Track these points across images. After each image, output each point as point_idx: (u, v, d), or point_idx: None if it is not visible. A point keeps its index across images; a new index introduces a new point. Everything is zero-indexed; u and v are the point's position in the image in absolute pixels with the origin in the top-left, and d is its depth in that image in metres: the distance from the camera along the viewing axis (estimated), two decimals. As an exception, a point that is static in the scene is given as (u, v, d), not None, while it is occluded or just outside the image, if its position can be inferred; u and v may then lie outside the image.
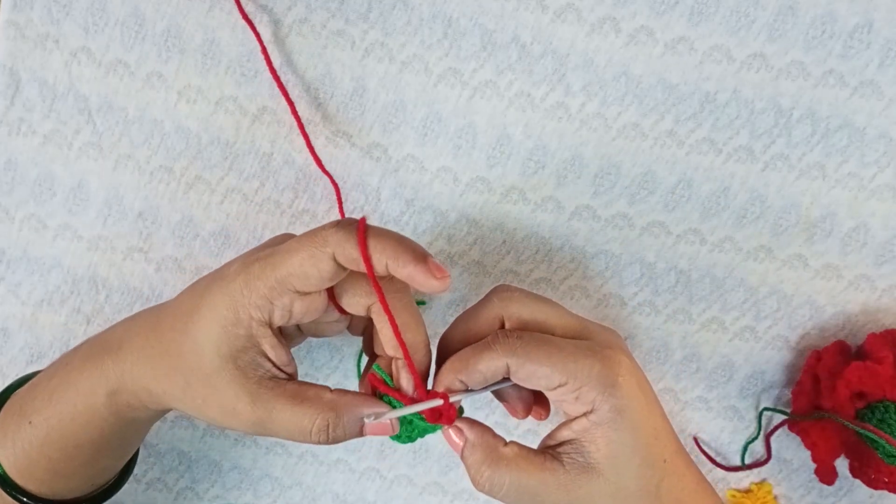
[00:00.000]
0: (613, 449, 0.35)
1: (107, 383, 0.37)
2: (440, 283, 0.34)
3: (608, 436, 0.35)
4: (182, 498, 0.52)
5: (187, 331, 0.36)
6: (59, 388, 0.39)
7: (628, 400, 0.35)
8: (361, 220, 0.35)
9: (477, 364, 0.36)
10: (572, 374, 0.35)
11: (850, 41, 0.45)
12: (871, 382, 0.46)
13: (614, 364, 0.35)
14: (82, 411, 0.38)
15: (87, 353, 0.39)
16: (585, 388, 0.35)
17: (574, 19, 0.45)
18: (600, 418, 0.35)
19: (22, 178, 0.47)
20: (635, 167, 0.47)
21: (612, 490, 0.35)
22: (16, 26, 0.45)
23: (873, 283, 0.49)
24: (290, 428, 0.36)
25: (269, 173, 0.47)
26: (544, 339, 0.36)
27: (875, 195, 0.48)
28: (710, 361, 0.50)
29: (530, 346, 0.35)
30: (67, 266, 0.48)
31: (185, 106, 0.46)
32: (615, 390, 0.35)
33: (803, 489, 0.52)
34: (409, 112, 0.46)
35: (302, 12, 0.45)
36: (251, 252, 0.37)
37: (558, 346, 0.35)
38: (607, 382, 0.35)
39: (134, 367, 0.37)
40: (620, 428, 0.35)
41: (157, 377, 0.37)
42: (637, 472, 0.35)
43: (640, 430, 0.35)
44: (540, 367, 0.35)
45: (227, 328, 0.35)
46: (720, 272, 0.49)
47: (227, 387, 0.35)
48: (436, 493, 0.52)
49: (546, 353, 0.35)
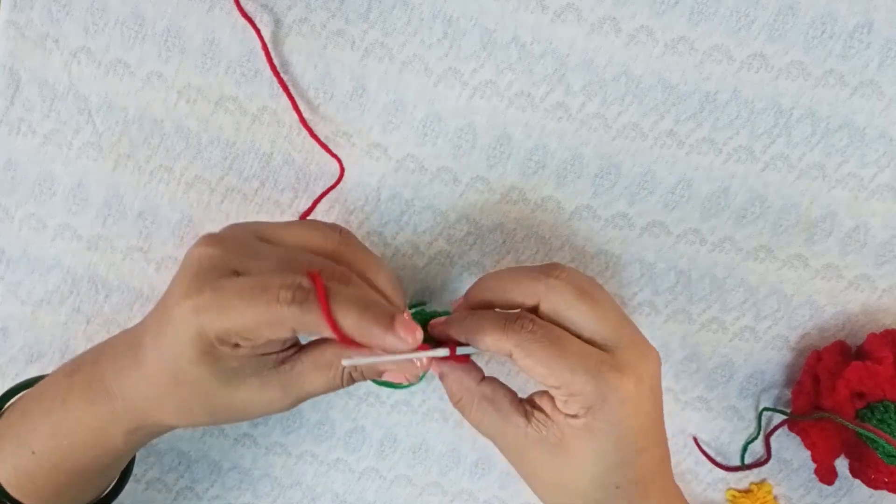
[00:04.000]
0: (574, 452, 0.36)
1: (124, 425, 0.38)
2: (404, 345, 0.33)
3: (577, 442, 0.36)
4: (181, 498, 0.52)
5: (185, 379, 0.35)
6: (62, 423, 0.38)
7: (606, 426, 0.36)
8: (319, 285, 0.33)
9: (485, 336, 0.37)
10: (565, 384, 0.35)
11: (850, 41, 0.45)
12: (871, 382, 0.46)
13: (609, 389, 0.35)
14: (95, 445, 0.38)
15: (86, 393, 0.38)
16: (572, 401, 0.36)
17: (574, 19, 0.45)
18: (576, 426, 0.36)
19: (22, 178, 0.47)
20: (635, 167, 0.47)
21: (554, 475, 0.37)
22: (16, 26, 0.45)
23: (873, 283, 0.49)
24: (324, 389, 0.37)
25: (269, 173, 0.47)
26: (556, 339, 0.36)
27: (875, 195, 0.48)
28: (710, 361, 0.50)
29: (537, 345, 0.36)
30: (67, 266, 0.48)
31: (185, 106, 0.46)
32: (598, 414, 0.35)
33: (803, 489, 0.52)
34: (409, 112, 0.46)
35: (302, 12, 0.45)
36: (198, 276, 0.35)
37: (564, 352, 0.36)
38: (593, 404, 0.35)
39: (153, 411, 0.37)
40: (588, 443, 0.36)
41: (179, 417, 0.37)
42: (586, 478, 0.37)
43: (603, 456, 0.36)
44: (538, 367, 0.36)
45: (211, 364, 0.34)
46: (720, 272, 0.49)
47: (252, 394, 0.36)
48: (435, 493, 0.52)
49: (550, 356, 0.35)
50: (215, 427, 0.51)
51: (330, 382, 0.37)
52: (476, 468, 0.52)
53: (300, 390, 0.37)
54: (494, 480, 0.52)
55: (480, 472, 0.52)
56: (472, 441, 0.51)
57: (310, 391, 0.37)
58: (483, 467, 0.52)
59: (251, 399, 0.36)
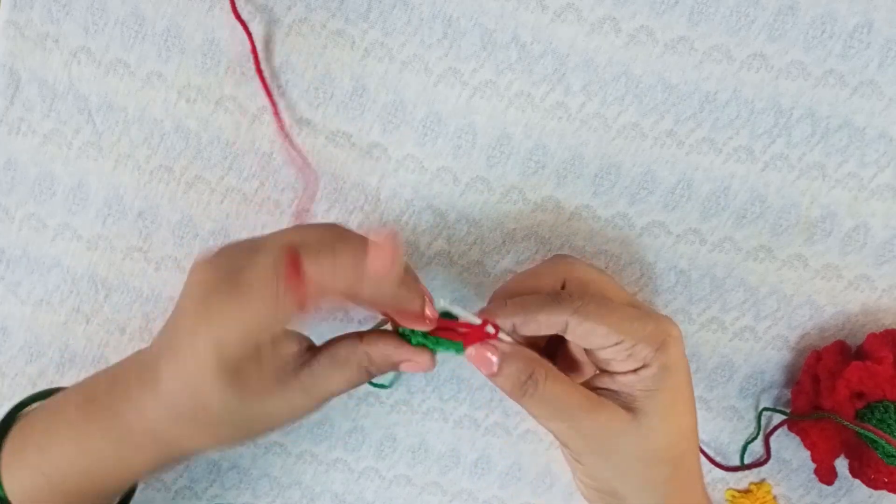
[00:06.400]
0: (654, 404, 0.37)
1: (147, 454, 0.37)
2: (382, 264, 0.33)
3: (652, 391, 0.37)
4: (180, 497, 0.52)
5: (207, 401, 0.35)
6: (79, 455, 0.37)
7: (676, 360, 0.37)
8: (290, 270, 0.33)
9: (538, 314, 0.37)
10: (628, 333, 0.36)
11: (850, 41, 0.45)
12: (871, 382, 0.46)
13: (667, 327, 0.37)
14: (112, 475, 0.38)
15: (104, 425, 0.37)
16: (640, 346, 0.36)
17: (574, 19, 0.45)
18: (649, 373, 0.37)
19: (22, 178, 0.47)
20: (635, 167, 0.47)
21: (639, 440, 0.37)
22: (16, 26, 0.45)
23: (873, 283, 0.49)
24: (345, 385, 0.37)
25: (268, 173, 0.47)
26: (604, 300, 0.38)
27: (875, 195, 0.48)
28: (710, 361, 0.50)
29: (591, 307, 0.37)
30: (67, 265, 0.48)
31: (185, 106, 0.46)
32: (666, 349, 0.37)
33: (803, 489, 0.52)
34: (409, 112, 0.46)
35: (301, 12, 0.45)
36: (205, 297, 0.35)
37: (617, 309, 0.37)
38: (660, 342, 0.37)
39: (170, 443, 0.37)
40: (665, 386, 0.37)
41: (202, 441, 0.37)
42: (668, 430, 0.37)
43: (679, 395, 0.37)
44: (599, 326, 0.36)
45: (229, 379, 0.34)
46: (720, 272, 0.49)
47: (274, 403, 0.36)
48: (435, 492, 0.52)
49: (606, 313, 0.37)
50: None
51: (349, 378, 0.37)
52: (476, 468, 0.52)
53: (322, 390, 0.37)
54: (494, 480, 0.52)
55: (480, 471, 0.52)
56: (472, 441, 0.51)
57: (331, 389, 0.37)
58: (483, 467, 0.52)
59: (276, 409, 0.36)
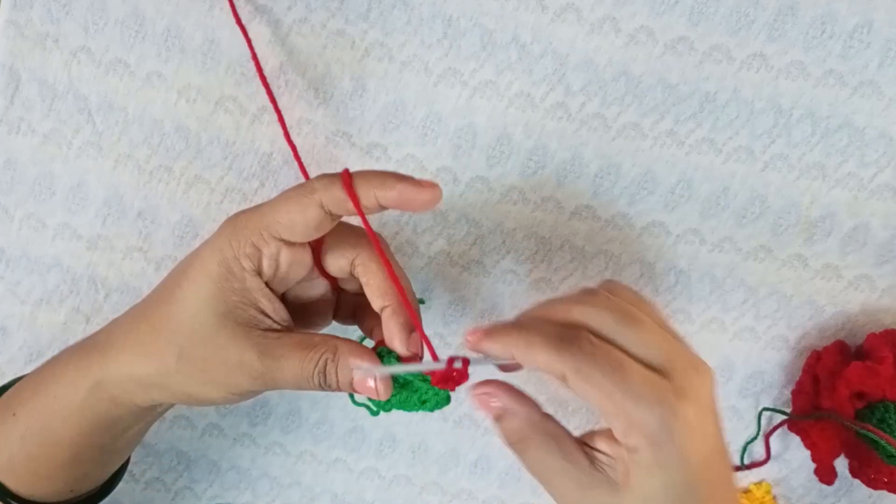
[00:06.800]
0: (640, 489, 0.34)
1: (90, 375, 0.37)
2: (430, 191, 0.34)
3: (643, 478, 0.33)
4: (180, 497, 0.52)
5: (177, 298, 0.36)
6: (43, 381, 0.39)
7: (674, 459, 0.33)
8: (345, 171, 0.35)
9: (536, 356, 0.34)
10: (626, 414, 0.32)
11: (850, 41, 0.45)
12: (871, 382, 0.46)
13: (675, 419, 0.32)
14: (63, 405, 0.38)
15: (75, 348, 0.39)
16: (633, 432, 0.33)
17: (574, 19, 0.45)
18: (642, 462, 0.33)
19: (21, 178, 0.47)
20: (635, 167, 0.47)
21: None
22: (16, 26, 0.45)
23: (873, 283, 0.49)
24: (297, 374, 0.36)
25: (268, 173, 0.47)
26: (616, 364, 0.33)
27: (875, 195, 0.48)
28: (710, 361, 0.50)
29: (597, 370, 0.33)
30: (67, 265, 0.48)
31: (185, 106, 0.46)
32: (664, 447, 0.32)
33: (802, 489, 0.52)
34: (409, 112, 0.46)
35: (302, 12, 0.45)
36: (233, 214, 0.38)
37: (625, 380, 0.33)
38: (658, 438, 0.32)
39: (120, 354, 0.37)
40: (655, 479, 0.33)
41: (146, 356, 0.36)
42: None
43: (672, 489, 0.33)
44: (597, 394, 0.33)
45: (220, 283, 0.35)
46: (720, 272, 0.49)
47: (230, 342, 0.35)
48: (435, 492, 0.52)
49: (611, 383, 0.32)
50: (214, 427, 0.51)
51: (303, 368, 0.36)
52: (475, 468, 0.52)
53: (273, 364, 0.36)
54: (494, 480, 0.52)
55: (480, 471, 0.52)
56: (472, 441, 0.51)
57: (282, 368, 0.36)
58: (482, 467, 0.52)
59: (227, 348, 0.35)
